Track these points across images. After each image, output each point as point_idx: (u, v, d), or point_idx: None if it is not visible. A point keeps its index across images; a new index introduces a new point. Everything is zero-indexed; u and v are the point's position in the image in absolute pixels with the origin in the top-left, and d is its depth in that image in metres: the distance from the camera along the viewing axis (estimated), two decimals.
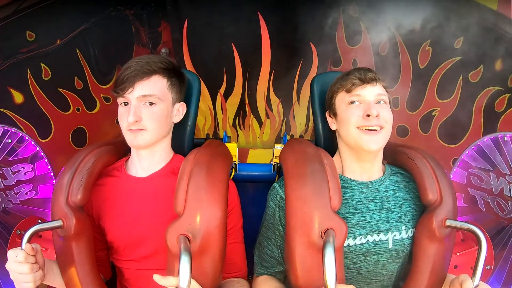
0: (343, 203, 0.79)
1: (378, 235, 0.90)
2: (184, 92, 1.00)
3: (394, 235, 0.91)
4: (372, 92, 0.90)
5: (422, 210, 0.94)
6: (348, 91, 0.91)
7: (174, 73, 0.94)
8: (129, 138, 0.89)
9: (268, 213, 0.95)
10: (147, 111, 0.88)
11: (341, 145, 0.97)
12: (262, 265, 0.97)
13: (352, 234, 0.89)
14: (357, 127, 0.88)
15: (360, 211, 0.91)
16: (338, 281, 0.69)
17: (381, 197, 0.93)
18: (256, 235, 1.03)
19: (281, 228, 0.91)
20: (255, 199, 1.42)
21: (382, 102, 0.91)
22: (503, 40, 1.42)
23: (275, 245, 0.93)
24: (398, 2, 1.79)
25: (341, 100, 0.94)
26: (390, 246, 0.91)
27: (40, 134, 1.53)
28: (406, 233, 0.92)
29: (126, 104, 0.89)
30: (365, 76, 0.89)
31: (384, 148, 1.02)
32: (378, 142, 0.87)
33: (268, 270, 0.96)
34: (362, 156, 0.92)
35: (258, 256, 0.98)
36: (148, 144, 0.90)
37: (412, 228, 0.93)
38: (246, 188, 1.43)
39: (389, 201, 0.93)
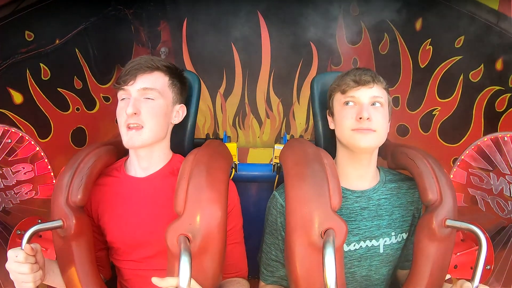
0: (337, 212, 0.80)
1: (371, 241, 0.94)
2: (185, 95, 1.00)
3: (385, 241, 0.95)
4: (366, 94, 0.90)
5: (412, 214, 0.98)
6: (343, 92, 0.92)
7: (176, 74, 0.96)
8: (125, 138, 0.88)
9: (270, 220, 0.96)
10: (146, 105, 0.88)
11: (338, 145, 0.98)
12: (268, 270, 0.98)
13: (346, 241, 0.91)
14: (352, 130, 0.89)
15: (354, 219, 0.93)
16: (338, 281, 0.69)
17: (374, 205, 0.95)
18: (256, 235, 1.03)
19: (283, 233, 0.92)
20: (255, 199, 1.43)
21: (377, 104, 0.90)
22: (504, 40, 1.42)
23: (279, 249, 0.95)
24: (398, 1, 1.79)
25: (337, 100, 0.95)
26: (381, 251, 0.94)
27: (40, 134, 1.53)
28: (395, 238, 0.96)
29: (125, 98, 0.89)
30: (360, 78, 0.89)
31: (384, 148, 1.02)
32: (369, 141, 0.88)
33: (274, 274, 0.97)
34: (356, 157, 0.93)
35: (264, 261, 0.99)
36: (144, 144, 0.89)
37: (401, 233, 0.97)
38: (246, 188, 1.43)
39: (380, 209, 0.95)
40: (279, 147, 1.30)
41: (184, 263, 0.69)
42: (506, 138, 1.32)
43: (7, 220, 1.34)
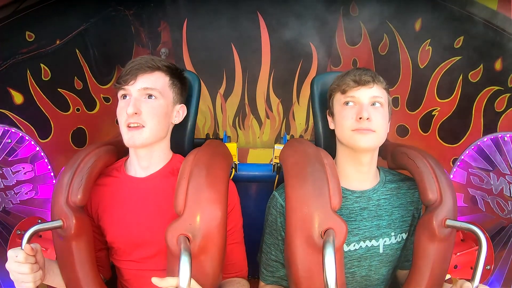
0: (337, 212, 0.80)
1: (370, 241, 0.94)
2: (185, 95, 1.01)
3: (385, 241, 0.95)
4: (366, 95, 0.90)
5: (412, 214, 0.98)
6: (343, 92, 0.92)
7: (177, 74, 0.96)
8: (126, 137, 0.88)
9: (270, 220, 0.97)
10: (147, 105, 0.88)
11: (338, 145, 0.98)
12: (268, 270, 0.98)
13: (346, 241, 0.91)
14: (352, 130, 0.89)
15: (354, 219, 0.94)
16: (338, 281, 0.69)
17: (374, 205, 0.95)
18: (256, 235, 1.03)
19: (283, 233, 0.93)
20: (255, 199, 1.43)
21: (377, 104, 0.90)
22: (503, 40, 1.42)
23: (279, 250, 0.95)
24: (398, 2, 1.79)
25: (337, 100, 0.95)
26: (381, 251, 0.95)
27: (40, 134, 1.53)
28: (395, 238, 0.96)
29: (125, 97, 0.90)
30: (360, 78, 0.89)
31: (384, 148, 1.03)
32: (368, 141, 0.88)
33: (274, 275, 0.97)
34: (356, 157, 0.93)
35: (264, 262, 0.99)
36: (145, 143, 0.89)
37: (401, 233, 0.97)
38: (246, 188, 1.43)
39: (380, 209, 0.96)
40: (279, 147, 1.30)
41: (184, 263, 0.69)
42: (506, 138, 1.32)
43: (7, 220, 1.34)
